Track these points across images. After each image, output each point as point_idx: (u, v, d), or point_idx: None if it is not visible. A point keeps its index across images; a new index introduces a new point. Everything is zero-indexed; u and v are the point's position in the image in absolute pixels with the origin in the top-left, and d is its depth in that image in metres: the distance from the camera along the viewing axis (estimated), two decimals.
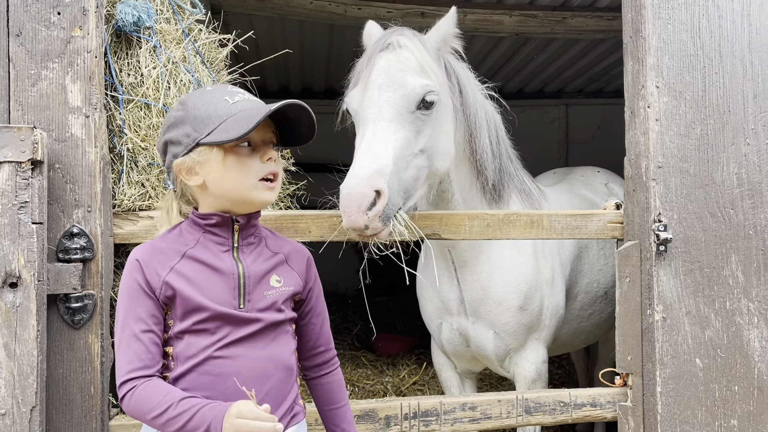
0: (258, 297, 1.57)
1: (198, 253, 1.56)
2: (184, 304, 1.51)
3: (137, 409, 1.46)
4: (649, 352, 2.23)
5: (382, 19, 4.17)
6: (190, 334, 1.52)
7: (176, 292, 1.50)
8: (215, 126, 1.49)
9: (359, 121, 2.10)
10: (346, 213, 1.87)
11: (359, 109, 2.09)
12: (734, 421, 2.25)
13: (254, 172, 1.53)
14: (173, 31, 2.14)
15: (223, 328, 1.52)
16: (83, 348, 1.88)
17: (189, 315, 1.52)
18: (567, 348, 3.24)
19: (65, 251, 1.85)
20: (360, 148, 1.99)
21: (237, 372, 1.52)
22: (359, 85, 2.12)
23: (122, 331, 1.51)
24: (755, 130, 2.30)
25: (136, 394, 1.45)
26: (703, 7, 2.29)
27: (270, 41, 5.17)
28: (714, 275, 2.26)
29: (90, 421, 1.88)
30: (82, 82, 1.90)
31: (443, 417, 2.19)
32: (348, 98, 2.15)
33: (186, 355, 1.51)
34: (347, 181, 1.90)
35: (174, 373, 1.52)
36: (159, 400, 1.43)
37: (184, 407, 1.41)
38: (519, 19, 4.40)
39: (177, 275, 1.52)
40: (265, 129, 1.56)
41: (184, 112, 1.53)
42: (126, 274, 1.55)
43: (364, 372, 5.05)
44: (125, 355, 1.49)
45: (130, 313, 1.51)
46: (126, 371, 1.48)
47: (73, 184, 1.88)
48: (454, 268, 2.54)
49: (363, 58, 2.20)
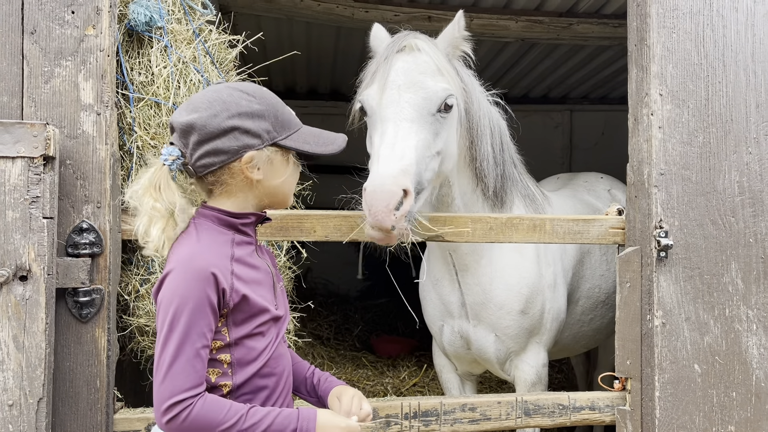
0: (280, 293, 1.62)
1: (240, 255, 1.51)
2: (249, 308, 1.48)
3: (198, 425, 1.38)
4: (648, 356, 2.25)
5: (389, 22, 4.20)
6: (251, 338, 1.50)
7: (245, 297, 1.47)
8: (291, 132, 1.54)
9: (377, 120, 2.11)
10: (373, 212, 1.84)
11: (377, 108, 2.10)
12: (731, 427, 2.27)
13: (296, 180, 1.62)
14: (184, 31, 2.17)
15: (272, 328, 1.56)
16: (90, 342, 1.91)
17: (251, 319, 1.49)
18: (567, 352, 3.25)
19: (74, 246, 1.88)
20: (382, 147, 1.99)
21: (282, 370, 1.58)
22: (375, 85, 2.13)
23: (181, 346, 1.40)
24: (757, 139, 2.32)
25: (194, 412, 1.38)
26: (708, 17, 2.31)
27: (277, 42, 5.21)
28: (714, 282, 2.28)
29: (95, 413, 1.91)
30: (95, 80, 1.93)
31: (443, 417, 2.21)
32: (364, 97, 2.16)
33: (247, 359, 1.50)
34: (373, 179, 1.88)
35: (235, 379, 1.49)
36: (225, 413, 1.39)
37: (259, 415, 1.42)
38: (525, 25, 4.43)
39: (239, 280, 1.47)
40: None
41: (262, 106, 1.50)
42: (194, 285, 1.41)
43: (364, 372, 5.08)
44: (183, 371, 1.39)
45: (195, 329, 1.40)
46: (183, 389, 1.38)
47: (83, 180, 1.91)
48: (455, 271, 2.56)
49: (377, 58, 2.21)
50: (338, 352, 5.60)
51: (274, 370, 1.55)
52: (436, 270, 2.63)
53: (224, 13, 3.50)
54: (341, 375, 4.93)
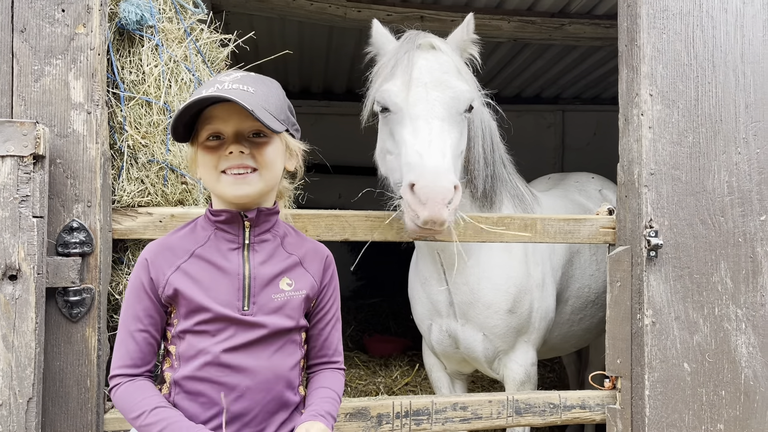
0: (265, 300, 1.53)
1: (206, 252, 1.54)
2: (186, 303, 1.51)
3: (119, 406, 1.50)
4: (638, 355, 2.26)
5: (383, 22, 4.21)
6: (192, 334, 1.51)
7: (179, 291, 1.50)
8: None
9: (404, 117, 2.08)
10: (429, 206, 1.83)
11: (404, 105, 2.08)
12: (721, 425, 2.29)
13: (215, 165, 1.50)
14: (175, 30, 2.16)
15: (224, 331, 1.50)
16: (80, 341, 1.90)
17: (192, 315, 1.51)
18: (557, 352, 3.27)
19: (65, 245, 1.87)
20: (417, 143, 1.98)
21: (236, 383, 1.49)
22: (398, 80, 2.10)
23: (121, 327, 1.55)
24: (746, 140, 2.34)
25: (119, 392, 1.49)
26: (698, 17, 2.33)
27: (269, 42, 5.20)
28: (703, 281, 2.29)
29: (85, 413, 1.90)
30: (85, 78, 1.92)
31: (434, 416, 2.22)
32: (386, 93, 2.12)
33: (187, 356, 1.51)
34: (425, 175, 1.87)
35: (177, 373, 1.52)
36: (136, 402, 1.46)
37: (157, 417, 1.43)
38: (517, 25, 4.44)
39: (182, 274, 1.51)
40: (241, 117, 1.48)
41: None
42: (134, 271, 1.57)
43: (357, 372, 5.08)
44: (118, 351, 1.53)
45: (130, 311, 1.54)
46: (115, 366, 1.52)
47: (73, 179, 1.91)
48: (443, 270, 2.56)
49: (393, 54, 2.18)
50: None
51: (220, 379, 1.48)
52: (424, 269, 2.64)
53: (216, 12, 3.49)
54: None
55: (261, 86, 1.52)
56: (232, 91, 1.45)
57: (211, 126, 1.50)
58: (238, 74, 1.54)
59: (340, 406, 2.11)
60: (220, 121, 1.49)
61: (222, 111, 1.49)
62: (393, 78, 2.13)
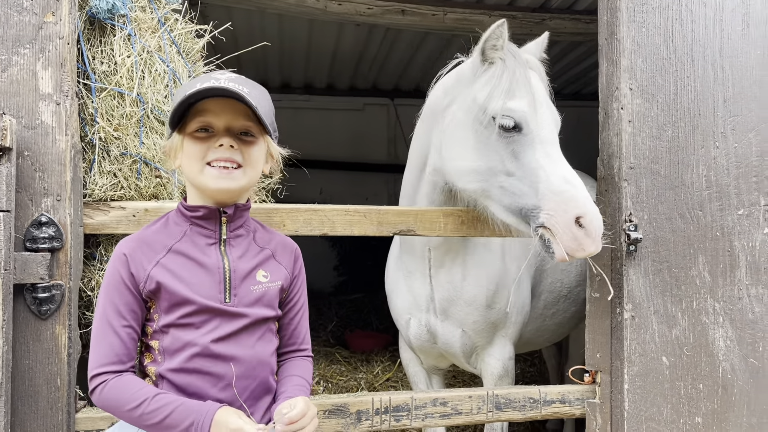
0: (244, 292, 1.58)
1: (184, 248, 1.56)
2: (169, 297, 1.51)
3: (109, 402, 1.47)
4: (618, 350, 2.26)
5: (362, 15, 4.17)
6: (176, 327, 1.52)
7: (161, 285, 1.51)
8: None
9: (533, 139, 2.02)
10: (597, 241, 1.91)
11: (534, 127, 2.03)
12: (699, 418, 2.30)
13: (202, 156, 1.53)
14: (149, 19, 2.11)
15: (209, 322, 1.53)
16: (50, 339, 1.85)
17: (175, 308, 1.52)
18: (532, 346, 3.27)
19: (33, 240, 1.82)
20: (560, 170, 1.98)
21: (224, 372, 1.52)
22: (524, 100, 2.04)
23: (100, 324, 1.52)
24: (724, 134, 2.35)
25: (107, 388, 1.47)
26: (677, 11, 2.33)
27: (248, 35, 5.14)
28: (682, 275, 2.30)
29: (56, 413, 1.85)
30: (54, 68, 1.87)
31: (414, 412, 2.20)
32: (518, 112, 2.02)
33: (173, 349, 1.52)
34: (592, 211, 1.90)
35: (162, 367, 1.52)
36: (133, 393, 1.45)
37: (161, 402, 1.43)
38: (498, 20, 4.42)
39: (162, 269, 1.52)
40: (234, 114, 1.54)
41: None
42: (110, 266, 1.55)
43: (338, 368, 5.05)
44: (100, 347, 1.50)
45: (110, 307, 1.52)
46: (99, 364, 1.49)
47: (42, 173, 1.85)
48: (429, 266, 2.55)
49: (505, 68, 2.08)
50: (312, 348, 5.56)
51: (209, 369, 1.52)
52: (410, 263, 2.62)
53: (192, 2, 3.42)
54: (315, 371, 4.89)
55: (254, 89, 1.56)
56: (229, 91, 1.50)
57: (203, 118, 1.53)
58: (231, 75, 1.57)
59: (319, 403, 2.09)
60: (213, 114, 1.53)
61: (215, 105, 1.53)
62: (515, 96, 2.05)
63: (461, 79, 2.23)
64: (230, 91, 1.48)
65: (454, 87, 2.25)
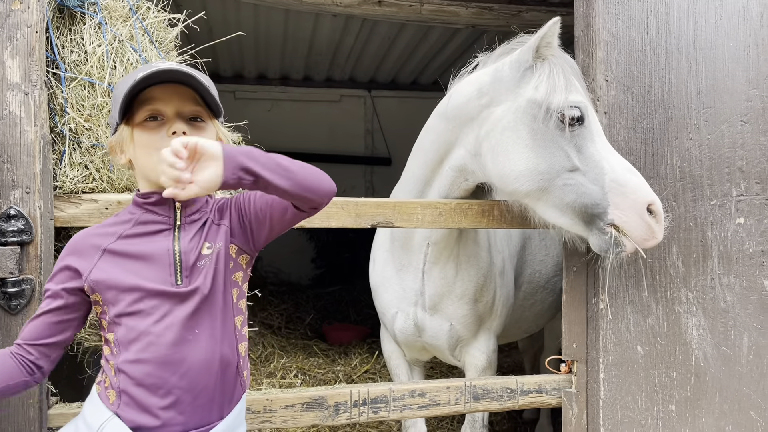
0: (194, 272, 1.52)
1: (133, 235, 1.54)
2: (115, 286, 1.48)
3: None
4: (594, 339, 2.29)
5: (338, 5, 4.13)
6: (127, 317, 1.48)
7: (106, 275, 1.48)
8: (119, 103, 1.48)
9: (591, 132, 2.05)
10: (658, 232, 1.96)
11: (592, 119, 2.08)
12: (672, 406, 2.33)
13: (157, 146, 1.45)
14: (120, 7, 2.06)
15: (160, 308, 1.48)
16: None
17: (122, 296, 1.48)
18: (510, 337, 3.30)
19: (1, 234, 1.78)
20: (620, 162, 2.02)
21: (182, 359, 1.47)
22: (580, 95, 2.08)
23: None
24: (698, 126, 2.38)
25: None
26: (652, 3, 2.34)
27: (224, 25, 5.06)
28: (656, 265, 2.33)
29: (27, 409, 1.82)
30: (22, 57, 1.82)
31: (392, 404, 2.20)
32: (582, 105, 2.05)
33: (127, 339, 1.48)
34: (658, 199, 1.96)
35: (119, 359, 1.49)
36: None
37: None
38: (475, 12, 4.41)
39: (109, 258, 1.50)
40: (181, 100, 1.51)
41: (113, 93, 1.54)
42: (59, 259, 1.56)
43: (315, 361, 5.04)
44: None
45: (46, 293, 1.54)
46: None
47: (10, 164, 1.81)
48: (424, 261, 2.54)
49: (563, 63, 2.11)
50: (289, 341, 5.54)
51: (167, 358, 1.47)
52: (403, 257, 2.61)
53: None
54: (292, 363, 4.88)
55: (199, 75, 1.53)
56: (177, 73, 1.47)
57: (151, 106, 1.50)
58: (174, 63, 1.54)
59: (296, 396, 2.08)
60: (161, 102, 1.50)
61: (162, 92, 1.49)
62: (573, 91, 2.06)
63: (502, 79, 2.16)
64: (181, 72, 1.45)
65: (493, 87, 2.17)
